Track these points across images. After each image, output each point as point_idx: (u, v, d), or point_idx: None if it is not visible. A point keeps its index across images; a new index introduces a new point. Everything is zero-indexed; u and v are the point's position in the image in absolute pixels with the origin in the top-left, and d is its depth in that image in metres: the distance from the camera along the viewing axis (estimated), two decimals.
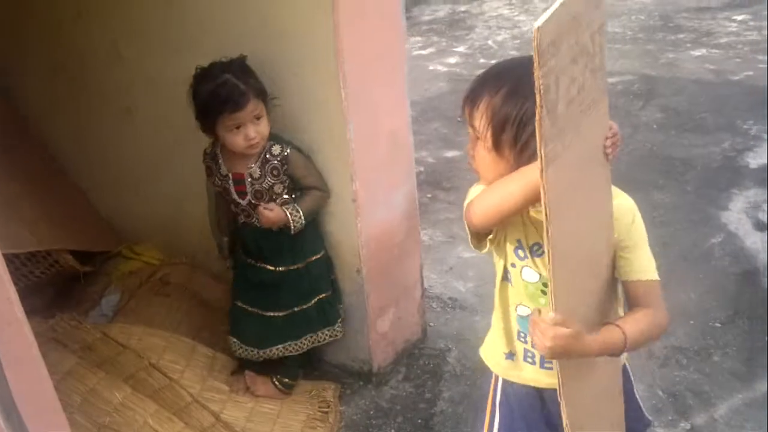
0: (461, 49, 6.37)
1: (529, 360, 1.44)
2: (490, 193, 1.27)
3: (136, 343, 2.34)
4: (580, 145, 1.12)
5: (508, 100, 1.20)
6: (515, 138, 1.21)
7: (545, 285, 1.32)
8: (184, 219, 2.82)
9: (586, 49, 1.08)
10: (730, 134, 4.02)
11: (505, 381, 1.50)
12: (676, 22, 6.39)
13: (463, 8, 7.74)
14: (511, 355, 1.46)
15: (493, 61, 5.36)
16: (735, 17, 6.20)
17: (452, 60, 6.07)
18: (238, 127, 1.96)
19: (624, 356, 1.44)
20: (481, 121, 1.24)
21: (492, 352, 1.51)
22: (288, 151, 2.06)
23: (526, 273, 1.36)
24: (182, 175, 2.70)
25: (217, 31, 2.19)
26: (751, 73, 5.03)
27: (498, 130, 1.22)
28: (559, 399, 1.26)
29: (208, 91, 1.92)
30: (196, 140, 2.50)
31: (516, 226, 1.34)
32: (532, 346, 1.38)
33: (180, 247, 2.87)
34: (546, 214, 1.07)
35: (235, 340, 2.28)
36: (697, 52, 5.60)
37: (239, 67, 1.95)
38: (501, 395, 1.51)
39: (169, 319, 2.54)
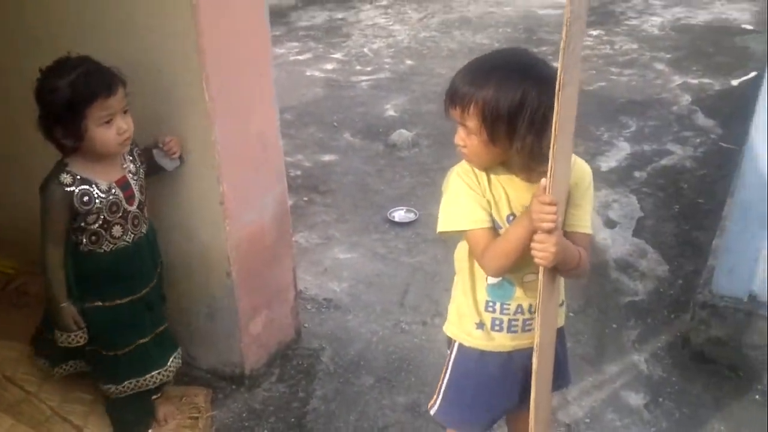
0: (338, 55, 6.45)
1: (497, 328, 1.60)
2: (498, 252, 1.44)
3: None
4: (571, 92, 1.28)
5: (498, 98, 1.35)
6: (508, 128, 1.36)
7: None
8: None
9: (582, 17, 1.26)
10: (583, 139, 4.33)
11: (464, 347, 1.65)
12: (539, 36, 6.81)
13: (340, 16, 7.84)
14: (481, 325, 1.60)
15: (369, 68, 5.47)
16: (590, 32, 6.69)
17: (329, 66, 6.13)
18: (108, 121, 1.78)
19: (562, 318, 1.68)
20: (474, 120, 1.38)
21: (460, 324, 1.65)
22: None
23: None
24: (37, 180, 2.57)
25: (75, 29, 2.10)
26: (604, 84, 5.46)
27: (492, 125, 1.37)
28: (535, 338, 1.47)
29: (72, 82, 1.74)
30: (48, 146, 2.38)
31: (500, 205, 1.49)
32: (501, 313, 1.58)
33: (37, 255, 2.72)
34: (555, 132, 1.26)
35: (152, 373, 2.07)
36: (557, 64, 6.00)
37: (91, 60, 1.82)
38: (456, 357, 1.68)
39: (28, 330, 2.38)
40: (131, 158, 1.96)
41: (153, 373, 2.08)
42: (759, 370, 2.43)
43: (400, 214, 3.60)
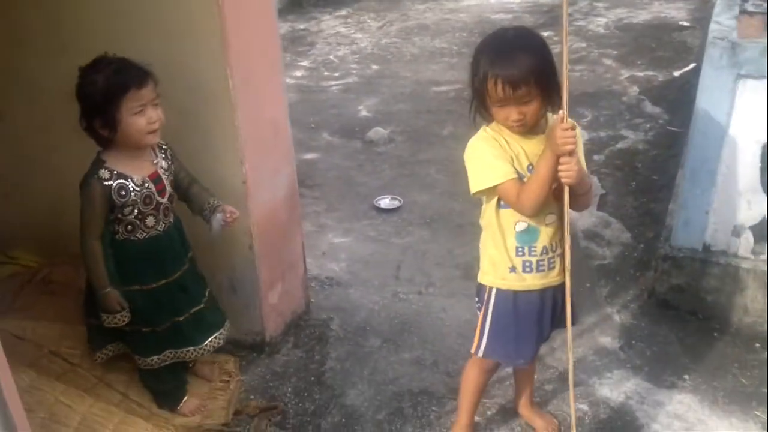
0: (305, 63, 6.72)
1: (528, 269, 1.90)
2: (533, 190, 1.74)
3: (30, 335, 2.39)
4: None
5: (545, 65, 1.70)
6: (551, 86, 1.71)
7: None
8: (62, 223, 2.83)
9: None
10: None
11: (501, 290, 1.94)
12: None
13: (302, 26, 8.11)
14: (513, 269, 1.89)
15: (337, 74, 5.76)
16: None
17: (298, 73, 6.40)
18: (139, 112, 1.98)
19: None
20: (535, 88, 1.70)
21: (495, 272, 1.94)
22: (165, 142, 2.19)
23: None
24: (58, 179, 2.75)
25: (106, 32, 2.32)
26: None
27: (547, 86, 1.71)
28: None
29: (107, 76, 1.95)
30: (72, 144, 2.57)
31: (520, 158, 1.80)
32: (529, 255, 1.88)
33: (59, 249, 2.90)
34: (565, 75, 1.65)
35: (188, 348, 2.28)
36: None
37: (125, 59, 2.02)
38: (495, 302, 1.96)
39: (61, 313, 2.58)
40: (163, 156, 2.17)
41: (189, 348, 2.28)
42: (715, 310, 2.79)
43: (385, 202, 3.89)
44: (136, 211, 2.08)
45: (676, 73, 5.78)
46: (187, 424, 2.27)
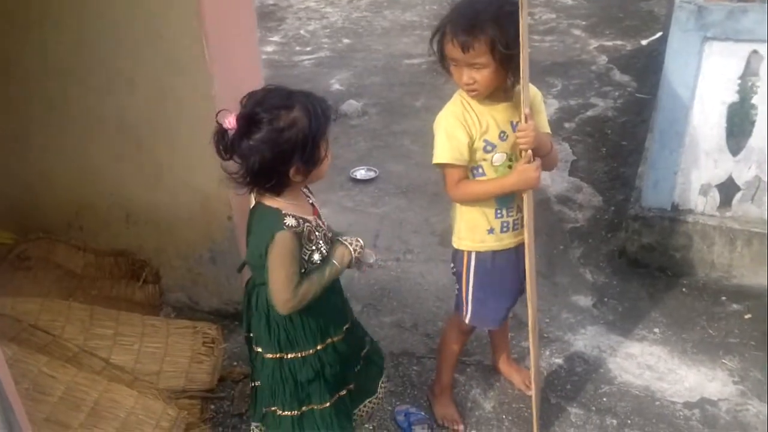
0: (276, 38, 6.67)
1: (505, 229, 1.96)
2: (475, 194, 1.87)
3: (9, 311, 2.39)
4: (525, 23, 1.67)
5: (502, 33, 1.67)
6: (511, 54, 1.68)
7: (510, 159, 1.86)
8: (36, 199, 2.86)
9: None
10: None
11: (480, 253, 1.99)
12: None
13: (271, 1, 8.02)
14: (491, 230, 1.94)
15: (308, 48, 5.69)
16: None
17: (269, 48, 6.35)
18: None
19: None
20: (485, 55, 1.71)
21: (473, 236, 1.98)
22: None
23: (496, 158, 1.85)
24: (32, 156, 2.75)
25: (79, 5, 2.30)
26: (528, 50, 5.89)
27: (500, 54, 1.69)
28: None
29: (303, 110, 1.61)
30: (45, 121, 2.55)
31: (490, 129, 1.83)
32: (507, 216, 1.94)
33: (33, 225, 2.89)
34: (523, 53, 1.65)
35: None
36: None
37: (277, 87, 1.75)
38: (475, 265, 2.00)
39: (37, 289, 2.58)
40: (307, 189, 1.86)
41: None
42: (683, 267, 2.89)
43: (361, 173, 3.91)
44: (320, 251, 1.71)
45: (644, 42, 5.87)
46: (171, 388, 2.30)
